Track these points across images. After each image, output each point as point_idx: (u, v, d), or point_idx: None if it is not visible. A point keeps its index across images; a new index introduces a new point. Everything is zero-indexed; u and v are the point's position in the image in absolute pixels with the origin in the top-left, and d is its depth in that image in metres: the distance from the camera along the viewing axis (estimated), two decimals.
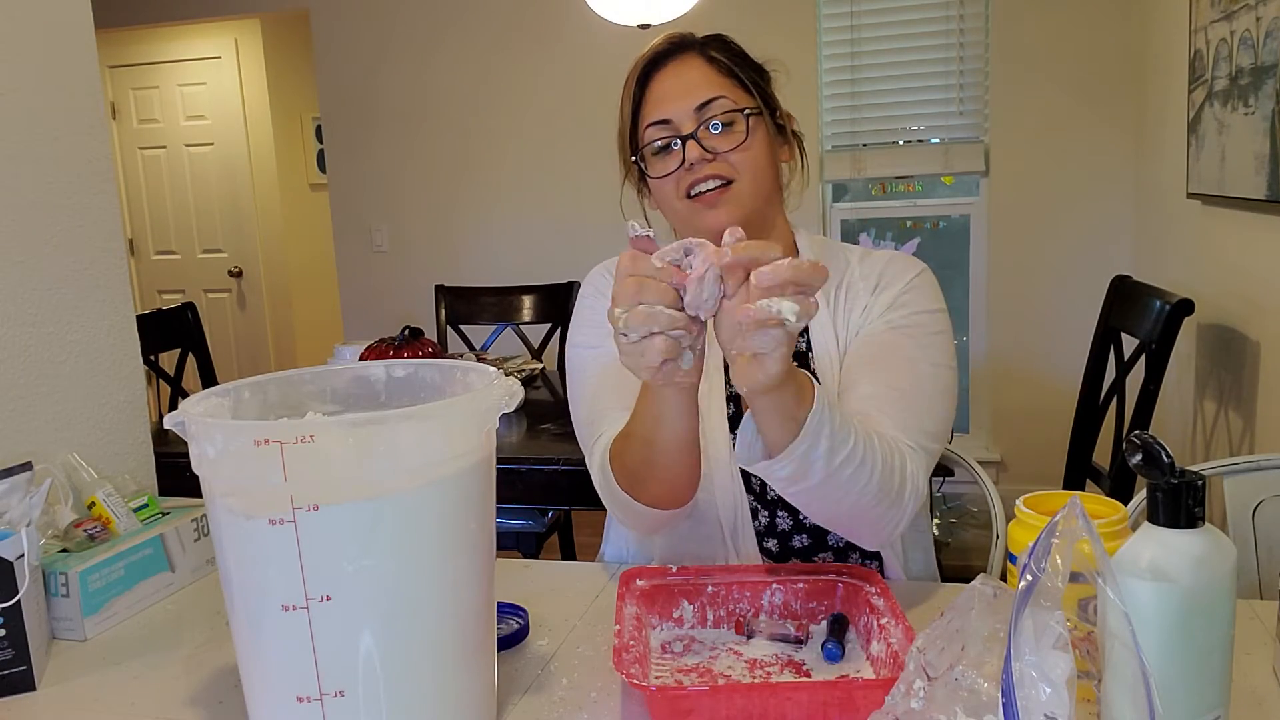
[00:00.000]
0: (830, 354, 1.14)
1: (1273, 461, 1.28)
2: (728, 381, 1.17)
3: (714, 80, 1.12)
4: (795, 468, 0.89)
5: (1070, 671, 0.58)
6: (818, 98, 3.56)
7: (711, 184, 1.09)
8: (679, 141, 1.10)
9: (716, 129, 1.10)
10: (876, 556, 1.17)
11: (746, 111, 1.11)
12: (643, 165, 1.14)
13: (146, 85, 5.23)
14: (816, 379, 1.12)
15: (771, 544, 1.16)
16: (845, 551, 1.16)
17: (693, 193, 1.10)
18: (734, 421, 1.15)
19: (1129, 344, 2.28)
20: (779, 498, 1.14)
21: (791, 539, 1.15)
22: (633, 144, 1.15)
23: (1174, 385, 2.81)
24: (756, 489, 1.15)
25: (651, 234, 0.82)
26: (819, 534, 1.15)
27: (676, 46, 1.15)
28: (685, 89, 1.11)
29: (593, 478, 1.10)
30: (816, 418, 0.87)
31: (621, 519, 1.11)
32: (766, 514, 1.15)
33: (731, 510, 1.13)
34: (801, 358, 1.16)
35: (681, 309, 0.80)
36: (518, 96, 3.92)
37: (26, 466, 1.04)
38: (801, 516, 1.14)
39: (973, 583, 0.68)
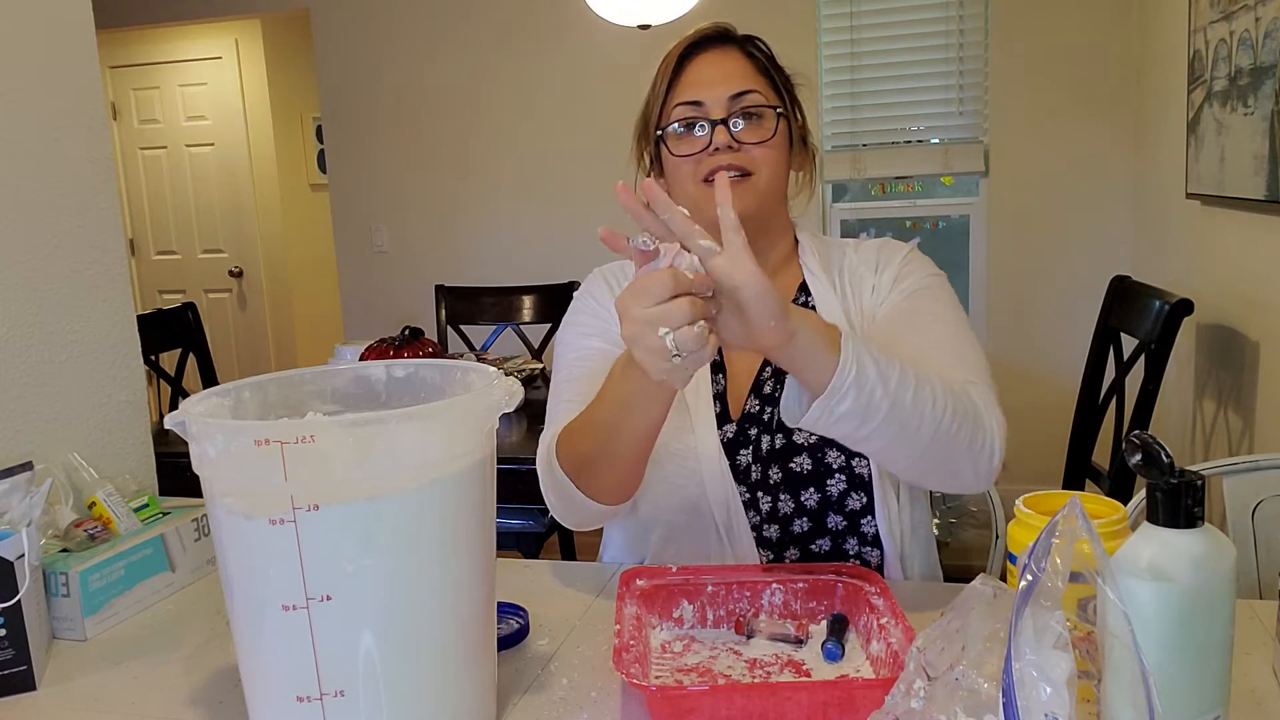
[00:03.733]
0: None
1: (1272, 461, 1.28)
2: (714, 380, 1.18)
3: (750, 74, 1.16)
4: (854, 400, 0.88)
5: (1070, 671, 0.58)
6: (818, 98, 3.56)
7: (731, 173, 1.11)
8: (706, 125, 1.13)
9: (746, 125, 1.13)
10: (877, 545, 1.17)
11: (778, 110, 1.14)
12: (664, 143, 1.16)
13: (147, 85, 5.23)
14: None
15: (772, 530, 1.16)
16: (843, 534, 1.16)
17: (710, 177, 1.12)
18: (721, 419, 1.16)
19: (1128, 344, 2.28)
20: (781, 480, 1.14)
21: (792, 523, 1.16)
22: (658, 121, 1.18)
23: (1173, 385, 2.81)
24: (755, 477, 1.15)
25: (657, 246, 0.82)
26: (818, 516, 1.16)
27: (719, 36, 1.18)
28: (723, 76, 1.14)
29: (538, 463, 1.10)
30: (851, 345, 0.88)
31: (557, 509, 1.10)
32: (768, 499, 1.15)
33: (724, 506, 1.14)
34: None
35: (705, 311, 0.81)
36: (518, 96, 3.92)
37: (27, 466, 1.04)
38: (803, 498, 1.14)
39: (972, 583, 0.68)
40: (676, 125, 1.15)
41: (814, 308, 1.18)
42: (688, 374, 0.83)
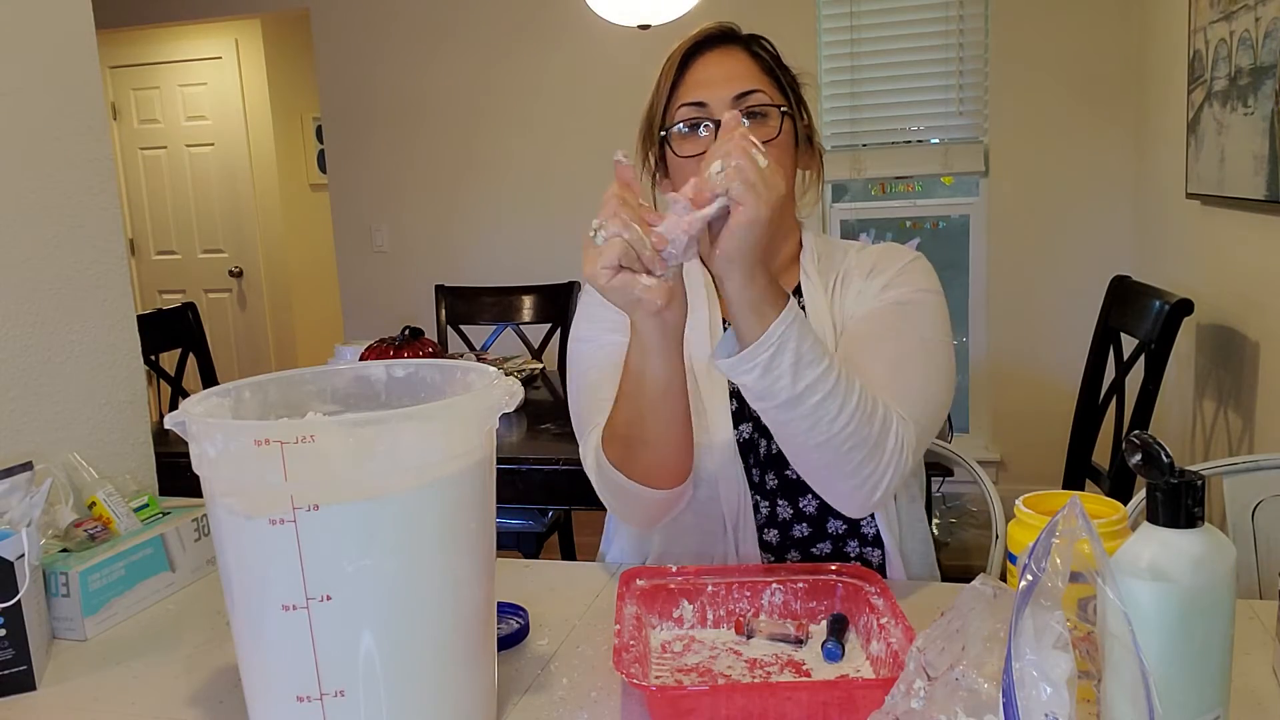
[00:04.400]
0: (826, 340, 1.15)
1: (1272, 461, 1.28)
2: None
3: (755, 74, 1.15)
4: (759, 375, 0.92)
5: (1071, 671, 0.58)
6: (818, 98, 3.56)
7: None
8: (711, 125, 1.12)
9: (747, 122, 1.12)
10: (878, 545, 1.17)
11: (782, 109, 1.14)
12: (669, 144, 1.16)
13: (147, 85, 5.23)
14: None
15: (772, 535, 1.16)
16: (844, 538, 1.16)
17: None
18: (737, 418, 1.16)
19: (1128, 344, 2.28)
20: (778, 486, 1.14)
21: (791, 529, 1.16)
22: (662, 121, 1.17)
23: (1173, 385, 2.81)
24: (757, 481, 1.16)
25: (632, 163, 0.90)
26: (819, 523, 1.15)
27: (723, 36, 1.17)
28: (726, 76, 1.14)
29: (586, 469, 1.10)
30: (782, 325, 0.91)
31: (617, 509, 1.10)
32: (767, 505, 1.16)
33: (735, 505, 1.14)
34: None
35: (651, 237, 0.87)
36: (518, 96, 3.92)
37: (27, 466, 1.04)
38: (801, 505, 1.14)
39: (972, 583, 0.68)
40: (681, 126, 1.14)
41: (804, 310, 1.18)
42: (604, 262, 0.86)
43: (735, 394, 1.17)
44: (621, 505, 1.09)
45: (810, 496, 1.14)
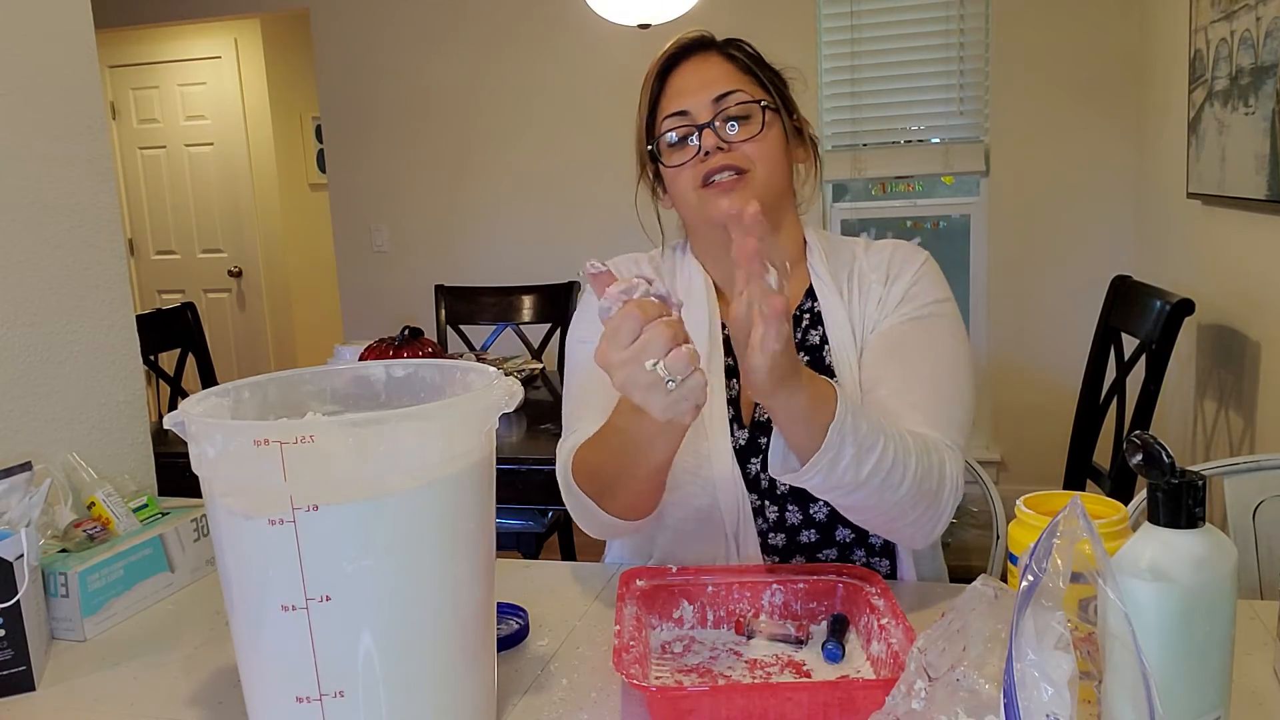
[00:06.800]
0: (846, 347, 1.15)
1: (1273, 461, 1.28)
2: (729, 385, 1.17)
3: (732, 75, 1.15)
4: (824, 477, 0.92)
5: (1072, 672, 0.58)
6: (818, 98, 3.56)
7: (727, 173, 1.11)
8: (696, 132, 1.12)
9: (734, 125, 1.12)
10: (886, 554, 1.16)
11: (763, 104, 1.13)
12: (659, 158, 1.16)
13: (146, 85, 5.23)
14: (833, 373, 1.13)
15: (779, 539, 1.16)
16: (851, 546, 1.16)
17: (707, 182, 1.12)
18: (735, 425, 1.16)
19: (1129, 344, 2.28)
20: (788, 492, 1.14)
21: (799, 533, 1.15)
22: (649, 137, 1.17)
23: (1174, 385, 2.81)
24: (764, 485, 1.15)
25: (608, 267, 0.83)
26: (826, 529, 1.15)
27: (697, 44, 1.18)
28: (704, 82, 1.14)
29: (557, 473, 1.11)
30: (839, 427, 0.89)
31: (580, 520, 1.10)
32: (775, 509, 1.15)
33: (735, 512, 1.13)
34: (816, 351, 1.17)
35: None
36: (518, 96, 3.92)
37: (26, 466, 1.04)
38: (812, 511, 1.14)
39: (973, 583, 0.68)
40: (670, 135, 1.14)
41: (820, 314, 1.18)
42: (689, 404, 0.80)
43: (732, 402, 1.17)
44: (585, 522, 1.10)
45: (822, 503, 1.14)
